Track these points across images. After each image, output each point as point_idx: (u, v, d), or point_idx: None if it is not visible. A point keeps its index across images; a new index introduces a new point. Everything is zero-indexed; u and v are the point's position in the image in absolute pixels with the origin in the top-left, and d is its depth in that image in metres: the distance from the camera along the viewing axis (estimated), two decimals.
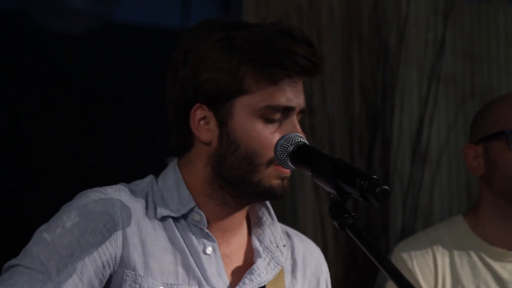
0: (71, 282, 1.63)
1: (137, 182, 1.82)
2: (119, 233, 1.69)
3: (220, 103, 1.74)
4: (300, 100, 1.77)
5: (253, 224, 1.87)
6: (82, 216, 1.68)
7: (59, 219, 1.69)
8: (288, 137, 1.65)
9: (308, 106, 3.50)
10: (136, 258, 1.69)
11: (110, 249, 1.67)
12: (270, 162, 1.71)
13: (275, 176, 1.71)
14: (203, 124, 1.75)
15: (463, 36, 3.98)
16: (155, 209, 1.75)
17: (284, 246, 1.85)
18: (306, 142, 1.66)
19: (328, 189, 1.50)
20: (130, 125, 3.10)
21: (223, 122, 1.74)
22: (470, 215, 2.46)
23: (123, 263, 1.69)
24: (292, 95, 1.73)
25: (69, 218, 1.68)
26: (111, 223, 1.69)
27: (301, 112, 1.78)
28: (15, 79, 2.85)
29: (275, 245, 1.83)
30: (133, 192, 1.77)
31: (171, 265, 1.72)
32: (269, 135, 1.71)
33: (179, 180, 1.78)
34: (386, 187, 1.38)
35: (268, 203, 1.88)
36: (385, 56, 3.67)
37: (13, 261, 1.65)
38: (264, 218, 1.86)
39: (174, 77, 1.78)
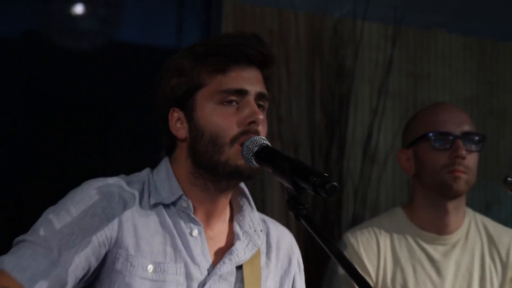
0: (70, 257, 1.66)
1: (136, 174, 1.86)
2: (115, 218, 1.72)
3: (186, 101, 1.78)
4: (255, 86, 1.76)
5: (235, 212, 1.89)
6: (84, 202, 1.72)
7: (64, 203, 1.73)
8: (254, 139, 1.67)
9: (277, 115, 3.62)
10: (129, 239, 1.73)
11: (106, 231, 1.71)
12: (233, 141, 1.72)
13: (240, 157, 1.70)
14: (178, 124, 1.80)
15: (407, 57, 4.09)
16: (149, 197, 1.79)
17: (261, 231, 1.88)
18: (269, 144, 1.67)
19: (286, 184, 1.52)
20: (129, 128, 3.04)
21: (190, 116, 1.78)
22: (407, 206, 2.50)
23: (117, 244, 1.72)
24: (242, 80, 1.75)
25: (72, 203, 1.72)
26: (108, 208, 1.72)
27: (261, 96, 1.78)
28: (34, 87, 2.85)
29: (253, 229, 1.86)
30: (131, 183, 1.80)
31: (160, 245, 1.75)
32: (228, 117, 1.73)
33: (169, 173, 1.81)
34: (335, 183, 1.42)
35: (248, 193, 1.91)
36: (341, 73, 3.78)
37: (22, 237, 1.69)
38: (245, 206, 1.89)
39: (157, 92, 1.84)
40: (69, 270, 1.67)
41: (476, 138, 2.43)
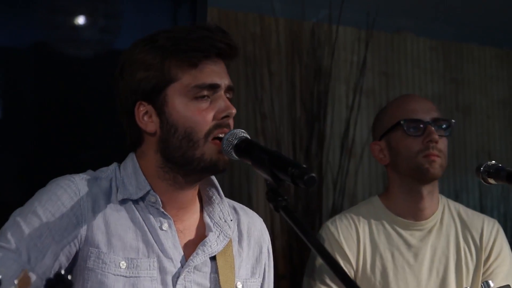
0: (39, 259, 1.54)
1: (103, 169, 1.70)
2: (84, 216, 1.59)
3: (155, 95, 1.61)
4: (225, 79, 1.63)
5: (205, 203, 1.74)
6: (51, 202, 1.58)
7: (31, 204, 1.60)
8: (233, 132, 1.55)
9: (260, 112, 3.60)
10: (100, 237, 1.59)
11: (75, 231, 1.57)
12: (207, 136, 1.59)
13: (215, 151, 1.58)
14: (146, 118, 1.63)
15: (380, 58, 4.07)
16: (117, 193, 1.64)
17: (232, 220, 1.73)
18: (248, 137, 1.55)
19: (265, 176, 1.42)
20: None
21: (161, 111, 1.61)
22: (383, 195, 2.41)
23: (87, 242, 1.58)
24: (214, 74, 1.61)
25: (39, 203, 1.58)
26: (77, 207, 1.59)
27: (229, 89, 1.64)
28: (40, 94, 2.75)
29: (223, 220, 1.72)
30: (98, 179, 1.65)
31: (133, 241, 1.61)
32: (202, 112, 1.59)
33: (136, 168, 1.66)
34: (313, 175, 1.32)
35: (216, 183, 1.76)
36: (319, 73, 3.70)
37: None
38: (214, 197, 1.74)
39: (117, 88, 1.68)
40: (39, 273, 1.53)
41: (444, 124, 2.32)
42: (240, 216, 1.80)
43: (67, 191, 1.59)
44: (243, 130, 1.56)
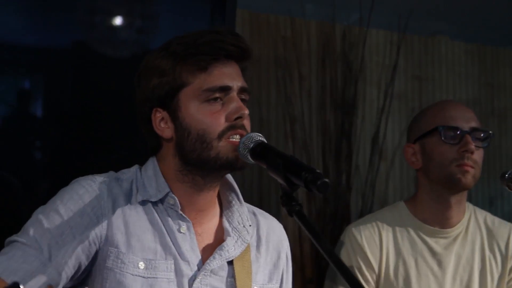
0: (60, 257, 1.54)
1: (125, 170, 1.71)
2: (104, 216, 1.59)
3: (169, 101, 1.62)
4: (237, 81, 1.62)
5: (224, 208, 1.73)
6: (73, 201, 1.59)
7: (53, 203, 1.60)
8: (250, 136, 1.55)
9: (290, 115, 3.57)
10: (119, 237, 1.59)
11: (96, 230, 1.58)
12: (220, 136, 1.58)
13: (230, 149, 1.58)
14: (163, 124, 1.64)
15: (413, 62, 4.01)
16: (137, 195, 1.64)
17: (250, 226, 1.72)
18: (264, 140, 1.55)
19: (279, 180, 1.41)
20: None
21: (175, 116, 1.62)
22: (409, 201, 2.35)
23: (107, 242, 1.59)
24: (224, 76, 1.61)
25: (61, 202, 1.59)
26: (97, 207, 1.59)
27: (243, 90, 1.64)
28: (78, 94, 2.79)
29: (242, 225, 1.71)
30: (119, 180, 1.66)
31: (151, 243, 1.61)
32: (214, 114, 1.59)
33: (156, 171, 1.66)
34: (326, 180, 1.31)
35: (236, 188, 1.75)
36: (350, 76, 3.65)
37: (13, 237, 1.57)
38: (233, 202, 1.73)
39: (135, 96, 1.69)
40: (59, 270, 1.54)
41: (483, 134, 2.27)
42: (260, 222, 1.79)
43: (89, 191, 1.60)
44: (259, 134, 1.56)
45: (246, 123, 1.62)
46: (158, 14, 3.26)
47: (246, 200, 1.80)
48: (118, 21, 3.01)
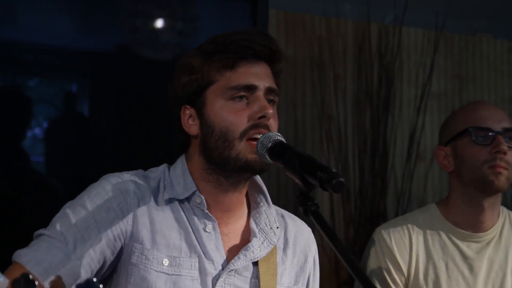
0: (85, 250, 1.54)
1: (153, 169, 1.71)
2: (130, 212, 1.59)
3: (197, 98, 1.63)
4: (264, 81, 1.61)
5: (252, 209, 1.72)
6: (100, 196, 1.60)
7: (81, 198, 1.61)
8: (268, 135, 1.54)
9: (326, 115, 3.55)
10: (144, 233, 1.59)
11: (121, 225, 1.58)
12: (242, 136, 1.57)
13: (250, 151, 1.56)
14: (191, 121, 1.64)
15: (452, 61, 3.94)
16: (164, 193, 1.65)
17: (278, 227, 1.71)
18: (283, 140, 1.53)
19: (296, 180, 1.40)
20: None
21: (201, 113, 1.63)
22: (442, 203, 2.30)
23: (132, 238, 1.59)
24: (251, 76, 1.60)
25: (88, 198, 1.59)
26: (123, 203, 1.59)
27: (270, 91, 1.62)
28: (122, 96, 2.87)
29: (269, 227, 1.70)
30: (147, 178, 1.66)
31: (176, 240, 1.61)
32: (237, 112, 1.58)
33: (185, 170, 1.66)
34: (342, 179, 1.30)
35: (265, 189, 1.74)
36: (386, 75, 3.62)
37: (41, 231, 1.58)
38: (261, 203, 1.72)
39: (169, 92, 1.71)
40: (83, 263, 1.54)
41: None
42: (288, 224, 1.77)
43: (116, 187, 1.60)
44: (278, 134, 1.54)
45: (272, 123, 1.60)
46: (198, 17, 3.29)
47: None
48: (159, 23, 3.05)
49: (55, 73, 2.91)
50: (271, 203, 1.74)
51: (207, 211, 1.63)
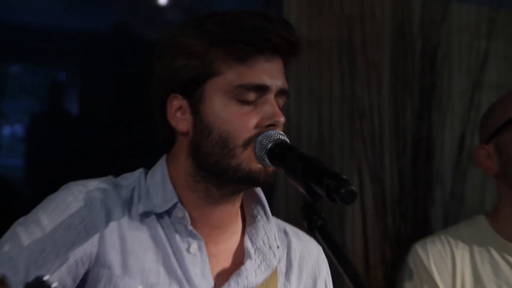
0: None
1: (127, 175, 1.68)
2: (95, 230, 1.56)
3: (192, 89, 1.59)
4: (277, 80, 1.59)
5: (248, 224, 1.70)
6: (58, 211, 1.56)
7: (36, 213, 1.57)
8: (268, 134, 1.52)
9: (357, 111, 3.57)
10: (113, 256, 1.56)
11: (85, 246, 1.55)
12: (246, 145, 1.55)
13: (254, 160, 1.54)
14: (180, 114, 1.61)
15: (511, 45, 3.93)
16: (138, 205, 1.62)
17: (278, 247, 1.68)
18: (286, 139, 1.52)
19: (299, 188, 1.39)
20: None
21: (195, 108, 1.59)
22: (492, 214, 2.30)
23: (98, 261, 1.55)
24: (264, 74, 1.57)
25: (45, 212, 1.56)
26: (87, 219, 1.56)
27: (282, 93, 1.60)
28: (120, 78, 2.94)
29: (268, 246, 1.67)
30: (118, 186, 1.64)
31: (152, 263, 1.58)
32: (243, 116, 1.56)
33: (165, 175, 1.63)
34: (353, 188, 1.27)
35: (264, 200, 1.72)
36: (431, 62, 3.65)
37: None
38: (259, 217, 1.70)
39: (153, 72, 1.67)
40: None
41: None
42: (292, 242, 1.75)
43: (79, 199, 1.57)
44: (281, 133, 1.54)
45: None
46: None
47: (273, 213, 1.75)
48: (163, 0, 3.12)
49: (40, 58, 2.95)
50: (271, 216, 1.71)
51: (191, 228, 1.60)
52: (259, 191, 1.71)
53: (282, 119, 1.56)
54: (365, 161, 3.57)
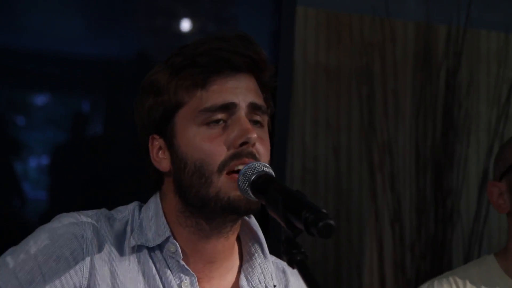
0: None
1: (121, 208, 1.70)
2: (86, 262, 1.57)
3: (164, 125, 1.62)
4: (245, 96, 1.59)
5: (244, 261, 1.70)
6: (49, 241, 1.58)
7: (26, 243, 1.59)
8: (252, 166, 1.51)
9: (377, 143, 3.53)
10: None
11: (74, 278, 1.56)
12: (221, 169, 1.56)
13: (233, 187, 1.54)
14: (161, 154, 1.64)
15: None
16: (131, 238, 1.63)
17: (275, 286, 1.68)
18: (271, 171, 1.52)
19: (280, 222, 1.40)
20: None
21: (170, 143, 1.61)
22: (501, 254, 2.28)
23: None
24: (227, 92, 1.58)
25: (35, 243, 1.58)
26: (78, 250, 1.58)
27: (255, 108, 1.61)
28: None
29: (264, 285, 1.68)
30: (111, 219, 1.65)
31: None
32: (214, 140, 1.57)
33: (158, 210, 1.64)
34: (331, 222, 1.28)
35: (261, 237, 1.72)
36: (456, 92, 3.62)
37: None
38: (256, 255, 1.70)
39: (135, 119, 1.70)
40: None
41: None
42: (289, 282, 1.75)
43: (70, 231, 1.59)
44: (265, 164, 1.53)
45: (260, 149, 1.59)
46: (236, 17, 3.34)
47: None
48: (185, 26, 3.12)
49: (64, 87, 2.99)
50: (268, 254, 1.71)
51: (183, 263, 1.60)
52: (256, 228, 1.71)
53: (254, 135, 1.56)
54: (385, 195, 3.58)
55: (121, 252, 1.61)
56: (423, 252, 3.46)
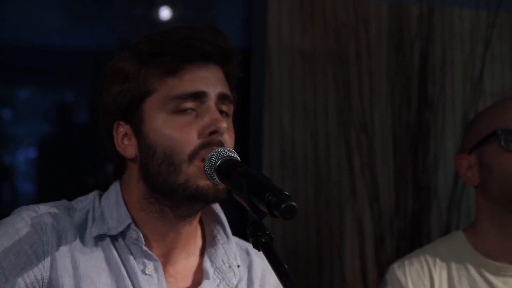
0: None
1: (81, 198, 1.73)
2: (46, 254, 1.60)
3: (132, 112, 1.66)
4: (215, 86, 1.66)
5: (208, 244, 1.75)
6: (8, 236, 1.60)
7: None
8: (217, 151, 1.56)
9: (354, 124, 3.60)
10: (66, 280, 1.60)
11: (35, 271, 1.59)
12: (191, 158, 1.61)
13: (202, 176, 1.60)
14: (126, 141, 1.68)
15: None
16: (92, 228, 1.67)
17: (239, 266, 1.75)
18: (236, 156, 1.57)
19: (245, 205, 1.45)
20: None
21: (138, 130, 1.66)
22: (470, 230, 2.31)
23: (51, 286, 1.60)
24: (198, 81, 1.65)
25: None
26: (38, 243, 1.61)
27: (223, 98, 1.68)
28: None
29: (227, 265, 1.74)
30: (71, 210, 1.68)
31: (106, 286, 1.63)
32: (184, 128, 1.63)
33: (118, 198, 1.69)
34: (293, 203, 1.34)
35: (223, 219, 1.79)
36: (430, 71, 3.68)
37: None
38: (219, 236, 1.76)
39: (98, 106, 1.74)
40: None
41: None
42: (253, 261, 1.81)
43: (29, 224, 1.62)
44: (231, 149, 1.60)
45: (226, 139, 1.65)
46: (215, 4, 3.46)
47: None
48: (164, 14, 3.22)
49: (47, 79, 3.01)
50: (231, 236, 1.77)
51: (145, 248, 1.65)
52: (218, 210, 1.79)
53: (223, 125, 1.63)
54: (364, 176, 3.63)
55: (83, 242, 1.65)
56: (402, 230, 3.51)
